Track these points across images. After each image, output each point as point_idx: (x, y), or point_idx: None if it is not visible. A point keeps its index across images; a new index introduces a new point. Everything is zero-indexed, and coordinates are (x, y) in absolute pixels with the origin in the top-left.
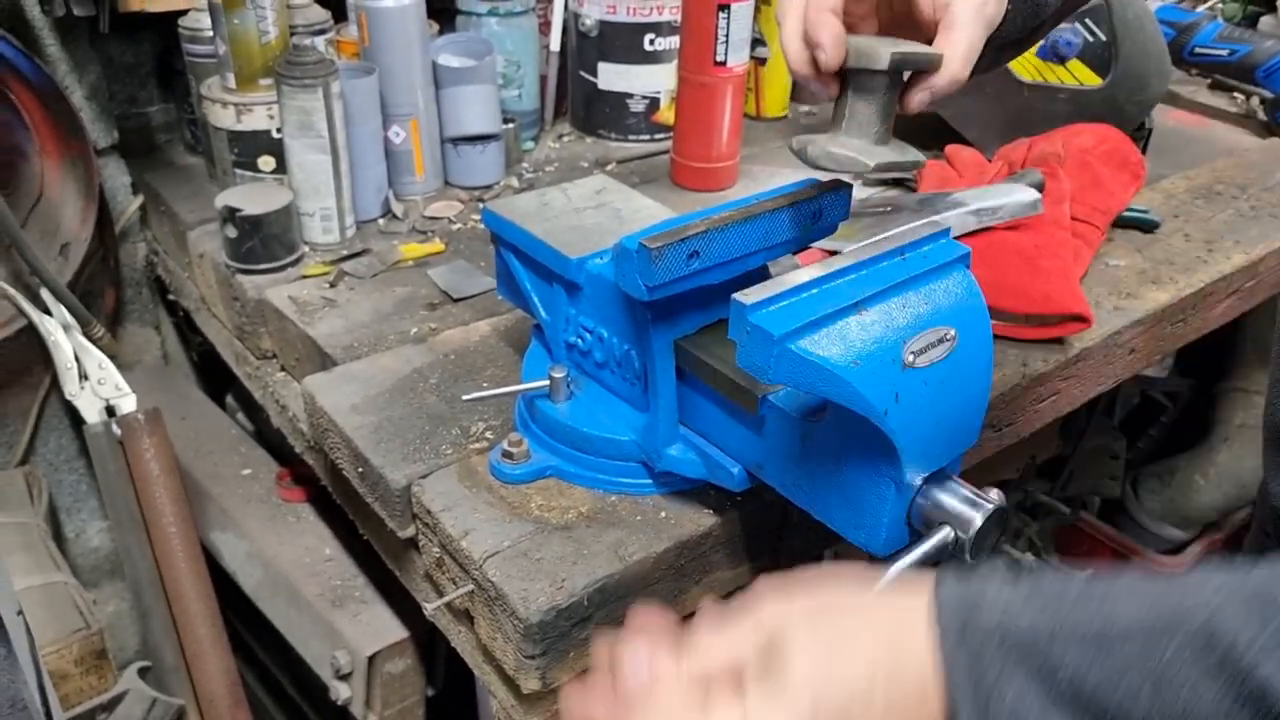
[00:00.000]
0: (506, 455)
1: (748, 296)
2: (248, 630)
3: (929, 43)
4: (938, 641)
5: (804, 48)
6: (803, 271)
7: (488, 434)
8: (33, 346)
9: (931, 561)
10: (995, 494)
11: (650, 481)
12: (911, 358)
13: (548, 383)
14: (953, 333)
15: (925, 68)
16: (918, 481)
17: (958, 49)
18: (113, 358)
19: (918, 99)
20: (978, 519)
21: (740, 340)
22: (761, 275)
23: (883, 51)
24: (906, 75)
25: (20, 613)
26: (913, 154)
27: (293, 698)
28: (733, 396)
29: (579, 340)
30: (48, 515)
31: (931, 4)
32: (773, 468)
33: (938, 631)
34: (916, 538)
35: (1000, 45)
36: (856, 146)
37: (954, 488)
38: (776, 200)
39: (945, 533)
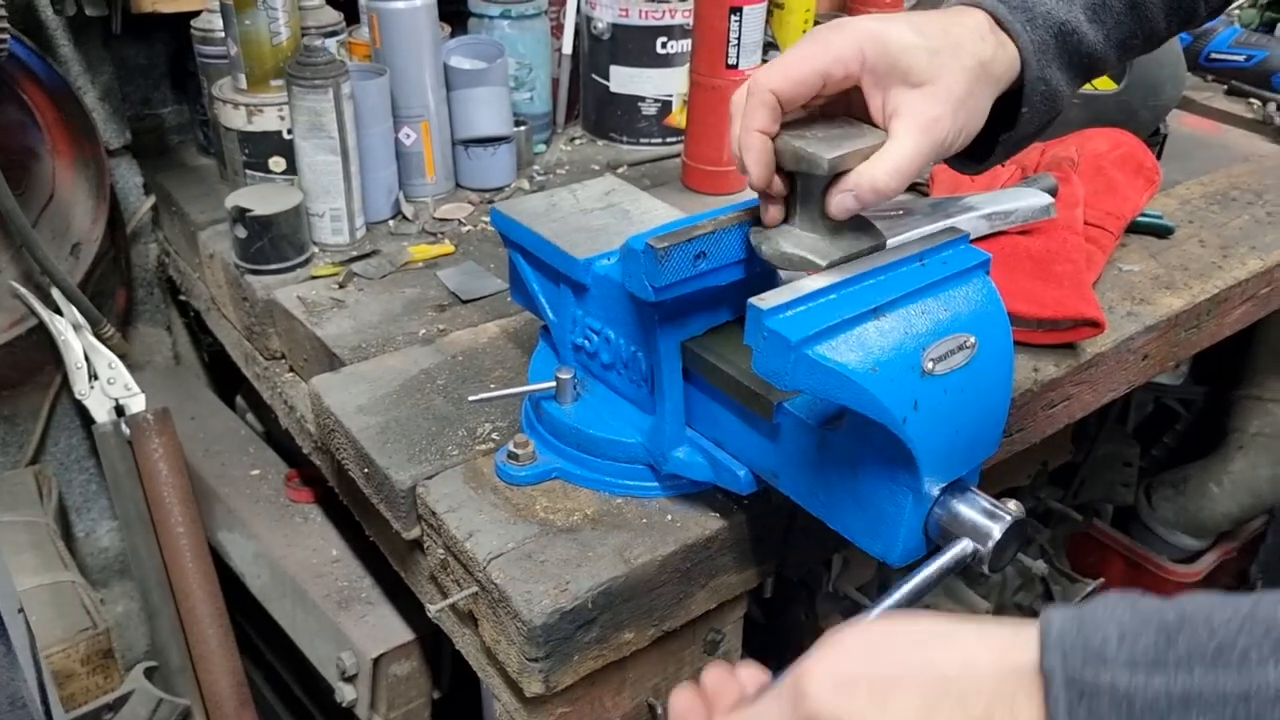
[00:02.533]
0: (512, 457)
1: (764, 301)
2: (255, 631)
3: None
4: None
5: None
6: (820, 277)
7: (494, 435)
8: (43, 346)
9: (947, 571)
10: (1014, 505)
11: (656, 484)
12: (931, 365)
13: (554, 384)
14: (973, 340)
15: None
16: (936, 491)
17: (886, 161)
18: (123, 357)
19: (836, 201)
20: (996, 531)
21: (756, 345)
22: (769, 277)
23: (824, 157)
24: None
25: (20, 610)
26: (869, 239)
27: (300, 699)
28: (747, 403)
29: (586, 341)
30: (57, 514)
31: (881, 110)
32: (787, 475)
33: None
34: (934, 549)
35: (1016, 142)
36: (809, 243)
37: (973, 498)
38: None
39: (963, 546)
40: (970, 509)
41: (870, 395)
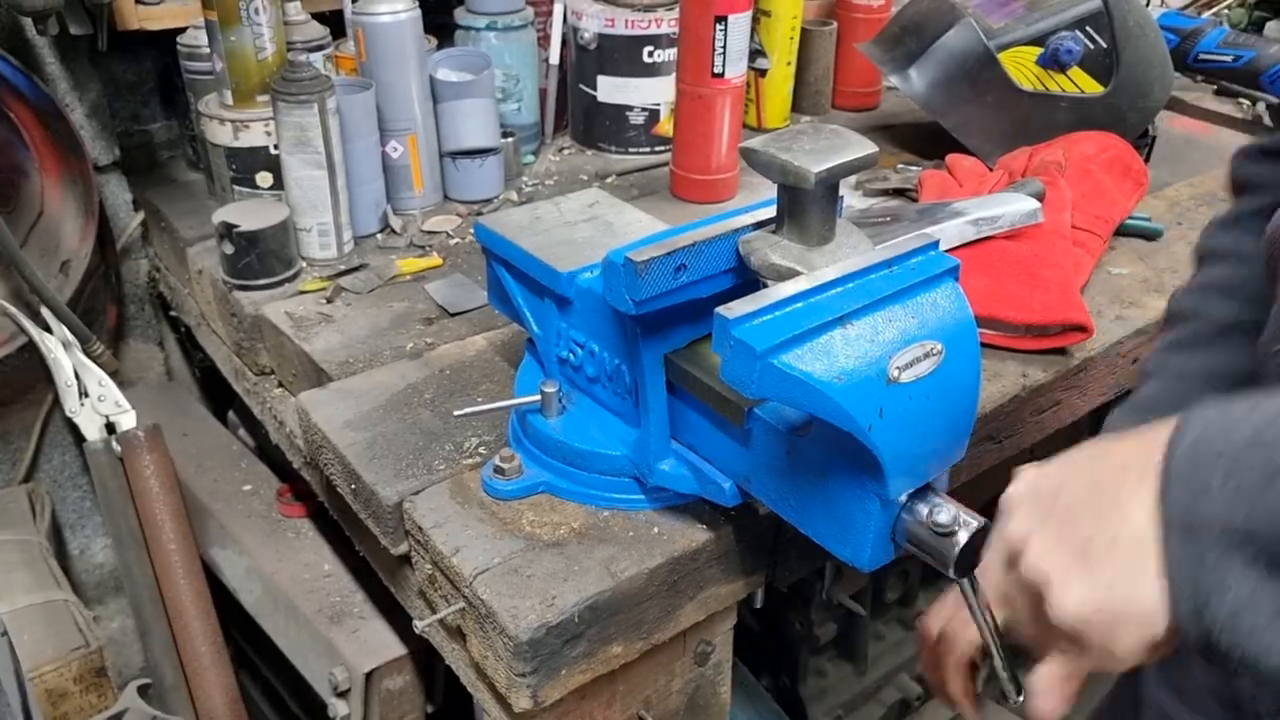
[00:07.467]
0: (498, 471)
1: (731, 310)
2: (249, 647)
3: None
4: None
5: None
6: (788, 284)
7: (481, 450)
8: (35, 364)
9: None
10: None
11: (643, 497)
12: (897, 373)
13: (539, 398)
14: (939, 347)
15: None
16: (903, 498)
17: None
18: (113, 374)
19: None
20: (963, 537)
21: (724, 354)
22: (750, 289)
23: (811, 170)
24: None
25: (4, 633)
26: (857, 249)
27: (295, 714)
28: (720, 409)
29: (570, 355)
30: (51, 532)
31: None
32: (759, 480)
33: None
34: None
35: None
36: (796, 254)
37: (940, 505)
38: (766, 212)
39: None
40: (937, 514)
41: (835, 404)
